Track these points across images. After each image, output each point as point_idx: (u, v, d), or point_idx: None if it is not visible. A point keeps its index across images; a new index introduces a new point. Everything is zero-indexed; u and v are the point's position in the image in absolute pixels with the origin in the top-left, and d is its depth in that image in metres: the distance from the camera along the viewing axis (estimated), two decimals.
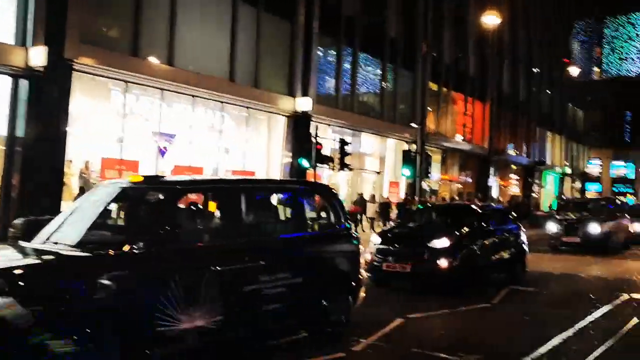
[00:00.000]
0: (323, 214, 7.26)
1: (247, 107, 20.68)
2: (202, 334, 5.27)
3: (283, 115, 21.89)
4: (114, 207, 6.14)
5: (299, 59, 22.19)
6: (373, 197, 24.73)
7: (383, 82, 27.98)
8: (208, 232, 6.05)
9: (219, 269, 5.40)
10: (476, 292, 9.74)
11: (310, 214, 7.16)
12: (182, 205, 5.78)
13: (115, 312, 4.69)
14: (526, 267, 12.25)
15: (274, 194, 7.01)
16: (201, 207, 6.17)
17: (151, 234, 5.01)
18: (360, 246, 7.37)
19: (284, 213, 7.01)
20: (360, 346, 6.58)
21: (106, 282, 4.67)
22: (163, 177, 6.26)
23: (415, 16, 29.31)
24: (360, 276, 7.21)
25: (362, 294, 7.27)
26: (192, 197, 6.25)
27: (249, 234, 5.99)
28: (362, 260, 7.42)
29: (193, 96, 18.62)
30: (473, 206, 12.82)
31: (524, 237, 12.40)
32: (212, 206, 6.05)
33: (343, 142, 20.33)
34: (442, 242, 9.93)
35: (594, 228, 17.61)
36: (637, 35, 68.44)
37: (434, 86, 31.14)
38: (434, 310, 8.59)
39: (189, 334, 5.17)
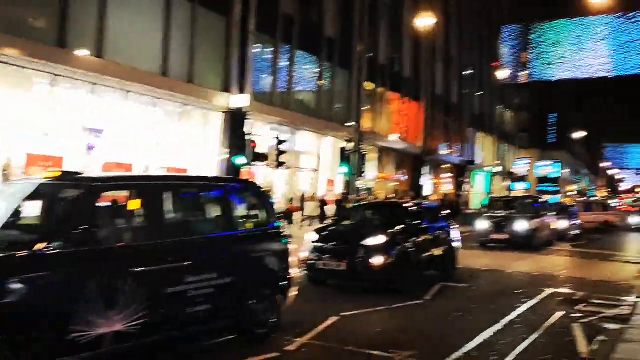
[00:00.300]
0: (252, 213, 7.08)
1: (181, 103, 20.19)
2: (122, 339, 5.01)
3: (218, 111, 21.51)
4: (29, 204, 5.76)
5: (235, 55, 21.88)
6: (312, 195, 24.70)
7: (320, 81, 28.03)
8: (129, 232, 5.77)
9: (140, 270, 5.16)
10: (409, 289, 9.84)
11: (239, 212, 6.96)
12: (101, 203, 5.47)
13: (25, 317, 4.38)
14: (457, 264, 12.52)
15: (201, 192, 6.76)
16: (122, 205, 5.87)
17: (67, 233, 4.71)
18: (291, 245, 7.24)
19: (212, 211, 6.79)
20: (294, 345, 6.49)
21: (16, 285, 4.35)
22: (81, 173, 5.91)
23: (352, 16, 29.53)
24: (290, 275, 7.08)
25: (293, 294, 7.16)
26: (114, 194, 5.94)
27: (174, 233, 5.75)
28: (294, 259, 7.30)
29: (124, 90, 17.99)
30: (407, 205, 12.97)
31: (455, 235, 12.67)
32: (134, 204, 5.76)
33: (279, 140, 20.17)
34: (376, 240, 9.97)
35: (521, 225, 18.25)
36: (560, 41, 71.93)
37: (370, 86, 31.47)
38: (369, 307, 8.62)
39: (107, 338, 4.90)
